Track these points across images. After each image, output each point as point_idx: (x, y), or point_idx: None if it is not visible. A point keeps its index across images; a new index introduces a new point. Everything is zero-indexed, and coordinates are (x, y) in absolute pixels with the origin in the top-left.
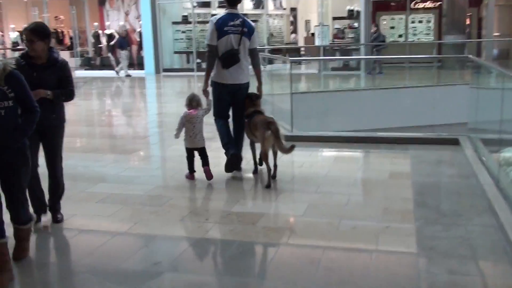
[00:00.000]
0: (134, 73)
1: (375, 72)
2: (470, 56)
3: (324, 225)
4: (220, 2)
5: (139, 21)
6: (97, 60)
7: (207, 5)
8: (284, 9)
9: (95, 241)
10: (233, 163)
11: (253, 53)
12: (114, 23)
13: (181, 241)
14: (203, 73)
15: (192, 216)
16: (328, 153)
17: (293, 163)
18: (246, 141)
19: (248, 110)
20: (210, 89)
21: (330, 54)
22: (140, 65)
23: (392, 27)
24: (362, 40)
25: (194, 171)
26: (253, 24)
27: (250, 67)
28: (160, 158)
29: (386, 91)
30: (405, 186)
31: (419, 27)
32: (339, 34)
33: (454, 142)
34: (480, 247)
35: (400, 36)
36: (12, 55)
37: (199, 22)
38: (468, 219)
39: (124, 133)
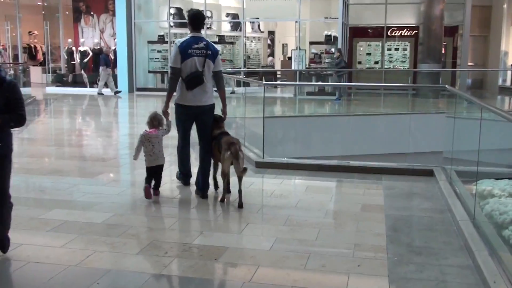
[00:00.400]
0: (107, 91)
1: (335, 98)
2: (447, 86)
3: (291, 262)
4: None
5: (114, 39)
6: (69, 77)
7: (184, 25)
8: (262, 32)
9: (42, 274)
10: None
11: (218, 76)
12: (88, 40)
13: (136, 278)
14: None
15: (150, 249)
16: (300, 181)
17: (263, 191)
18: None
19: (214, 132)
20: (170, 110)
21: (306, 78)
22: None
23: (369, 54)
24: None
25: (150, 184)
26: (217, 47)
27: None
28: (124, 183)
29: (360, 117)
30: (378, 220)
31: (395, 55)
32: (315, 59)
33: (429, 173)
34: None
35: (376, 62)
36: None
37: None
38: (443, 258)
39: (90, 154)
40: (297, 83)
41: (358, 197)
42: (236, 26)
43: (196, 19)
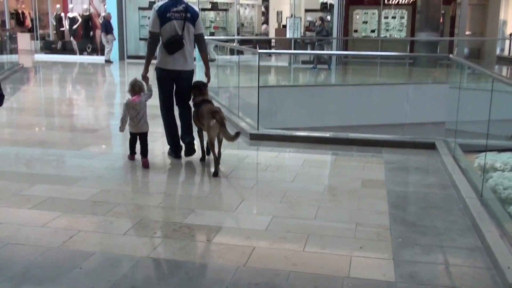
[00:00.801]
0: (97, 59)
1: (314, 66)
2: (451, 55)
3: (289, 244)
4: None
5: (104, 5)
6: (58, 44)
7: None
8: None
9: (20, 257)
10: (189, 151)
11: (199, 38)
12: (77, 6)
13: (122, 261)
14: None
15: (138, 229)
16: (296, 154)
17: (258, 165)
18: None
19: (196, 98)
20: (149, 75)
21: (301, 47)
22: (103, 51)
23: (365, 22)
24: (335, 34)
25: (135, 153)
26: (197, 9)
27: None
28: (112, 156)
29: (357, 87)
30: (379, 197)
31: (392, 23)
32: (311, 27)
33: (430, 146)
34: (466, 276)
35: (372, 31)
36: None
37: None
38: (450, 240)
39: (78, 125)
40: (292, 51)
41: (358, 171)
42: None
43: None
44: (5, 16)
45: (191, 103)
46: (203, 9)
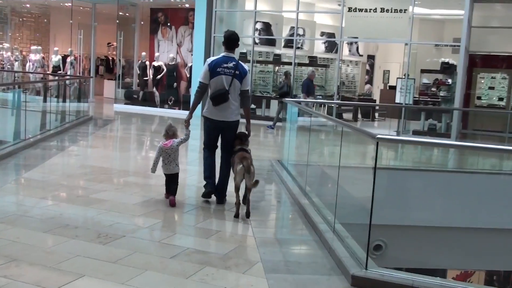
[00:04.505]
0: (178, 113)
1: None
2: None
3: None
4: (287, 41)
5: (192, 54)
6: (140, 94)
7: (271, 43)
8: (361, 55)
9: None
10: (207, 197)
11: (244, 95)
12: (163, 55)
13: None
14: (259, 119)
15: None
16: None
17: None
18: None
19: (235, 147)
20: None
21: (413, 113)
22: (185, 104)
23: (491, 88)
24: (457, 102)
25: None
26: (246, 67)
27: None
28: None
29: (485, 175)
30: None
31: None
32: (425, 90)
33: None
34: None
35: (500, 99)
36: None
37: (258, 62)
38: None
39: (92, 216)
40: (420, 139)
41: None
42: (332, 47)
43: (230, 40)
44: (91, 62)
45: None
46: (300, 64)
